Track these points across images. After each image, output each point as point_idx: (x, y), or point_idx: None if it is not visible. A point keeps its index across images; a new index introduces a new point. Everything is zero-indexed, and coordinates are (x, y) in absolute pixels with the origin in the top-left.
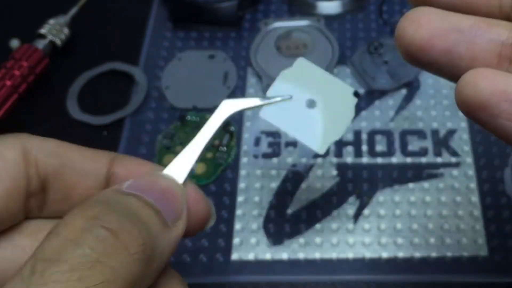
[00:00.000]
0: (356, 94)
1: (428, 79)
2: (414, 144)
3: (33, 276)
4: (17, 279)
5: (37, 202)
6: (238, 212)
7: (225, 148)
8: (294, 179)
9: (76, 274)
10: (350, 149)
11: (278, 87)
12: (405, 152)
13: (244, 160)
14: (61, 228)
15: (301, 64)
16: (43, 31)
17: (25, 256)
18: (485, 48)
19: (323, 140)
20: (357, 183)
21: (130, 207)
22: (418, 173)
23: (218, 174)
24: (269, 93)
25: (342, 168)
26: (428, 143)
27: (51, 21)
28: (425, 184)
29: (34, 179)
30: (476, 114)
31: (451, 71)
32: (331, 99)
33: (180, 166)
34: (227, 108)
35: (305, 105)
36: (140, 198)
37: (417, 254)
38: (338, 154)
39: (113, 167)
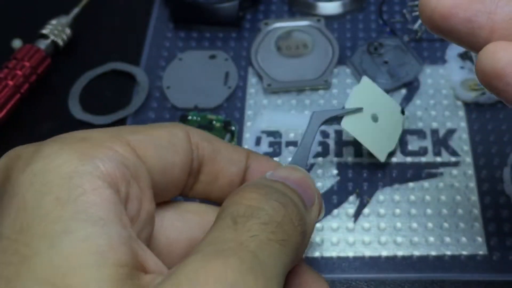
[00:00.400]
0: (402, 111)
1: (427, 79)
2: (413, 144)
3: (236, 225)
4: (223, 226)
5: (192, 181)
6: None
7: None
8: None
9: (268, 228)
10: (350, 148)
11: (351, 100)
12: (405, 152)
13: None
14: (241, 199)
15: (366, 82)
16: (45, 31)
17: (194, 228)
18: (505, 19)
19: (383, 150)
20: (357, 183)
21: (282, 190)
22: (417, 173)
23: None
24: (347, 105)
25: (342, 167)
26: (427, 143)
27: (53, 22)
28: (425, 184)
29: (195, 159)
30: (493, 83)
31: (470, 40)
32: (387, 115)
33: (299, 164)
34: (318, 118)
35: (371, 119)
36: (285, 184)
37: (417, 253)
38: (339, 153)
39: (250, 161)
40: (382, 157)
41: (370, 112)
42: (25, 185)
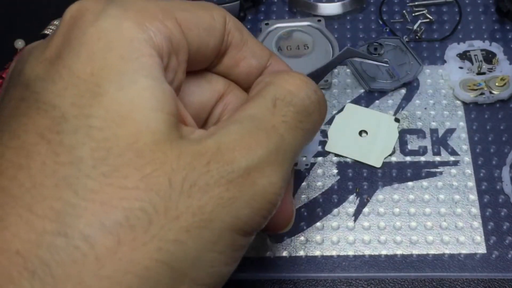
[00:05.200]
0: (396, 120)
1: (427, 79)
2: (413, 143)
3: (275, 108)
4: (263, 106)
5: (216, 61)
6: None
7: None
8: (294, 177)
9: (299, 117)
10: None
11: (334, 127)
12: (404, 151)
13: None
14: (284, 82)
15: (349, 107)
16: (47, 31)
17: (206, 94)
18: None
19: (379, 156)
20: (357, 182)
21: (318, 87)
22: (417, 172)
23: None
24: (330, 131)
25: (342, 167)
26: (427, 142)
27: (56, 22)
28: (424, 183)
29: (225, 43)
30: None
31: None
32: (380, 127)
33: (315, 78)
34: (348, 52)
35: (358, 135)
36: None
37: (416, 252)
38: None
39: (270, 59)
40: (377, 163)
41: (357, 129)
42: (93, 38)
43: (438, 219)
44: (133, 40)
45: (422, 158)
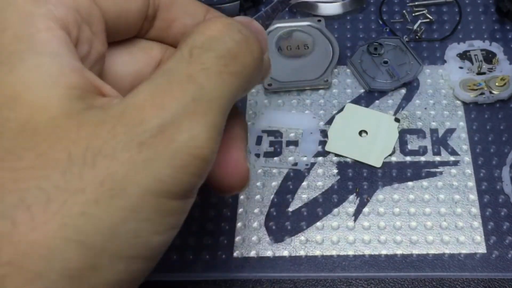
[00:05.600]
0: (396, 119)
1: (427, 79)
2: (413, 143)
3: (191, 57)
4: (178, 58)
5: (147, 25)
6: (240, 210)
7: None
8: (295, 177)
9: (222, 61)
10: None
11: (335, 126)
12: (404, 151)
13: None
14: (204, 29)
15: (349, 107)
16: None
17: (140, 63)
18: None
19: (379, 156)
20: (357, 182)
21: (245, 27)
22: (417, 172)
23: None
24: (330, 131)
25: (342, 167)
26: (427, 142)
27: None
28: (424, 183)
29: (151, 5)
30: None
31: None
32: (380, 127)
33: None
34: None
35: (358, 135)
36: (246, 26)
37: (416, 251)
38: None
39: (207, 16)
40: (377, 163)
41: (357, 129)
42: None
43: (438, 219)
44: (28, 16)
45: (422, 158)
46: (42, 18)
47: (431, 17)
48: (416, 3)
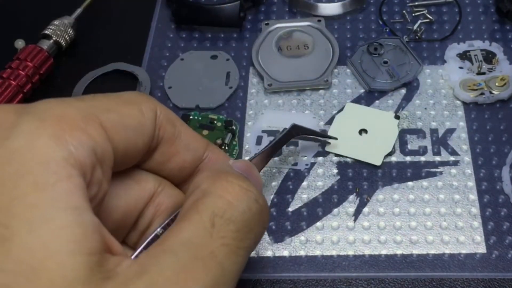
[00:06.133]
0: (396, 116)
1: (427, 79)
2: (413, 143)
3: (213, 228)
4: (199, 226)
5: (146, 157)
6: None
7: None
8: (295, 177)
9: (240, 235)
10: None
11: (335, 125)
12: (404, 151)
13: (246, 159)
14: (223, 191)
15: (349, 107)
16: (48, 31)
17: (133, 196)
18: None
19: (379, 154)
20: (357, 182)
21: (261, 194)
22: (417, 172)
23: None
24: (330, 131)
25: (342, 166)
26: (427, 142)
27: (56, 22)
28: (424, 183)
29: (155, 138)
30: None
31: None
32: (380, 124)
33: (256, 164)
34: (295, 130)
35: (358, 134)
36: (258, 190)
37: (416, 251)
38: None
39: (207, 152)
40: (377, 162)
41: (357, 128)
42: (3, 161)
43: (438, 219)
44: (50, 161)
45: (422, 158)
46: (63, 163)
47: (431, 17)
48: (416, 3)
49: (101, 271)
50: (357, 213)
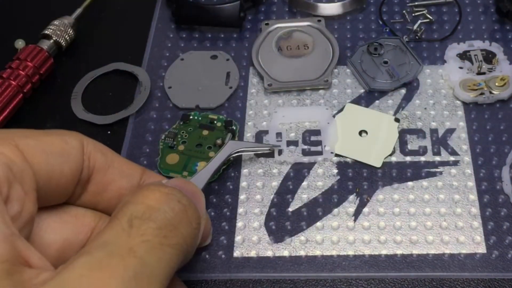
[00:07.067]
0: (396, 119)
1: (427, 79)
2: (413, 143)
3: (131, 228)
4: (117, 228)
5: (79, 190)
6: (240, 210)
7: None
8: (295, 177)
9: (163, 232)
10: None
11: (334, 127)
12: (404, 151)
13: (246, 159)
14: (143, 198)
15: (349, 107)
16: (48, 31)
17: (71, 230)
18: None
19: (379, 156)
20: (357, 182)
21: (182, 195)
22: (417, 172)
23: (220, 173)
24: (330, 132)
25: (342, 167)
26: (427, 142)
27: (56, 22)
28: (424, 183)
29: (86, 168)
30: None
31: None
32: (380, 126)
33: (198, 182)
34: (231, 147)
35: (358, 135)
36: (182, 192)
37: (416, 252)
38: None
39: (144, 177)
40: (377, 163)
41: (357, 129)
42: None
43: (438, 219)
44: None
45: (422, 158)
46: None
47: (431, 17)
48: (416, 3)
49: (11, 279)
50: (357, 213)
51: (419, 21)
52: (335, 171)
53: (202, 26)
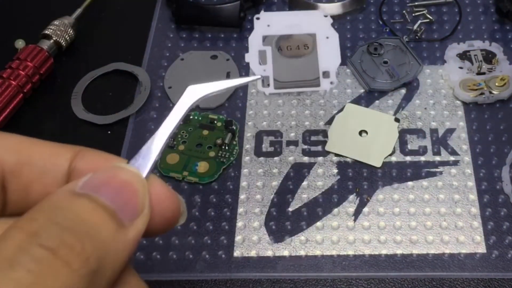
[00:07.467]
0: (396, 119)
1: (427, 79)
2: (413, 143)
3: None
4: None
5: None
6: (240, 210)
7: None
8: (295, 177)
9: None
10: None
11: (335, 126)
12: (404, 151)
13: (246, 158)
14: (27, 221)
15: (349, 107)
16: (48, 31)
17: None
18: None
19: (379, 156)
20: (357, 182)
21: (78, 213)
22: (417, 172)
23: (220, 173)
24: (330, 131)
25: (342, 166)
26: (427, 142)
27: (56, 22)
28: (424, 183)
29: None
30: None
31: None
32: (380, 126)
33: (144, 158)
34: (193, 94)
35: (358, 135)
36: (92, 200)
37: (416, 251)
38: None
39: (75, 162)
40: (377, 163)
41: (357, 129)
42: None
43: (438, 219)
44: None
45: (422, 158)
46: None
47: (431, 17)
48: (416, 3)
49: None
50: (357, 213)
51: (419, 21)
52: (335, 171)
53: (202, 26)
